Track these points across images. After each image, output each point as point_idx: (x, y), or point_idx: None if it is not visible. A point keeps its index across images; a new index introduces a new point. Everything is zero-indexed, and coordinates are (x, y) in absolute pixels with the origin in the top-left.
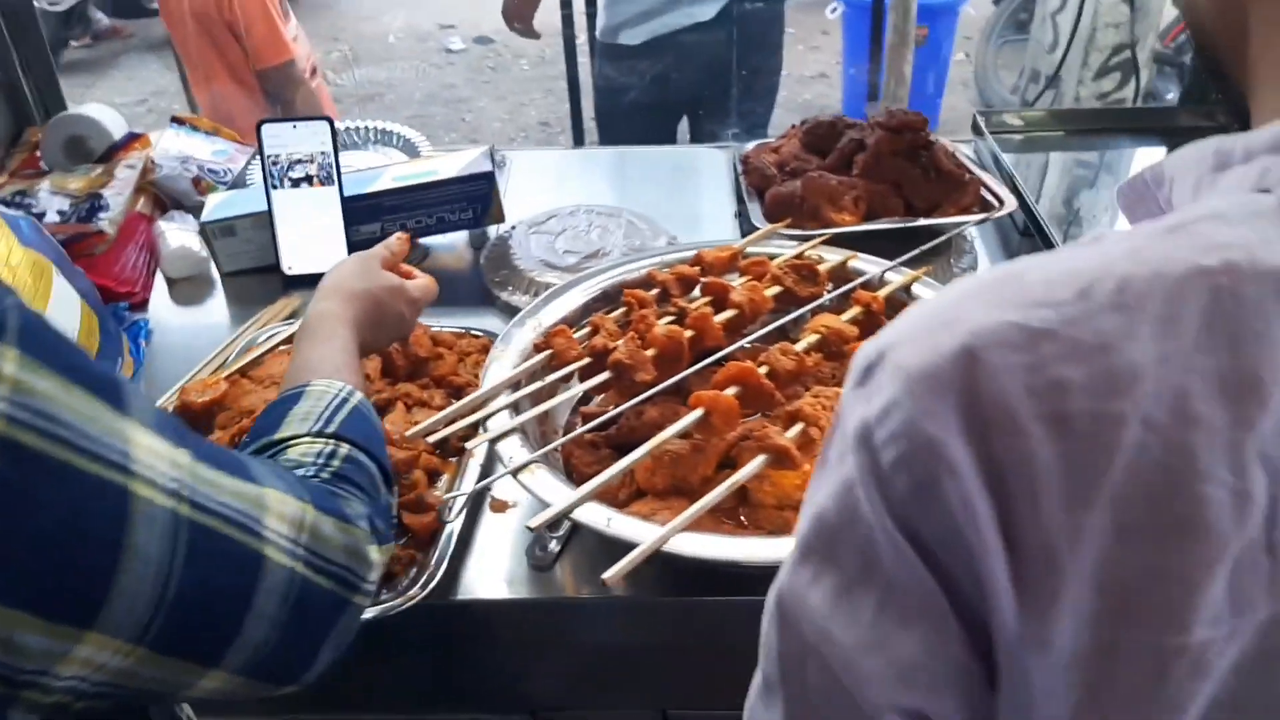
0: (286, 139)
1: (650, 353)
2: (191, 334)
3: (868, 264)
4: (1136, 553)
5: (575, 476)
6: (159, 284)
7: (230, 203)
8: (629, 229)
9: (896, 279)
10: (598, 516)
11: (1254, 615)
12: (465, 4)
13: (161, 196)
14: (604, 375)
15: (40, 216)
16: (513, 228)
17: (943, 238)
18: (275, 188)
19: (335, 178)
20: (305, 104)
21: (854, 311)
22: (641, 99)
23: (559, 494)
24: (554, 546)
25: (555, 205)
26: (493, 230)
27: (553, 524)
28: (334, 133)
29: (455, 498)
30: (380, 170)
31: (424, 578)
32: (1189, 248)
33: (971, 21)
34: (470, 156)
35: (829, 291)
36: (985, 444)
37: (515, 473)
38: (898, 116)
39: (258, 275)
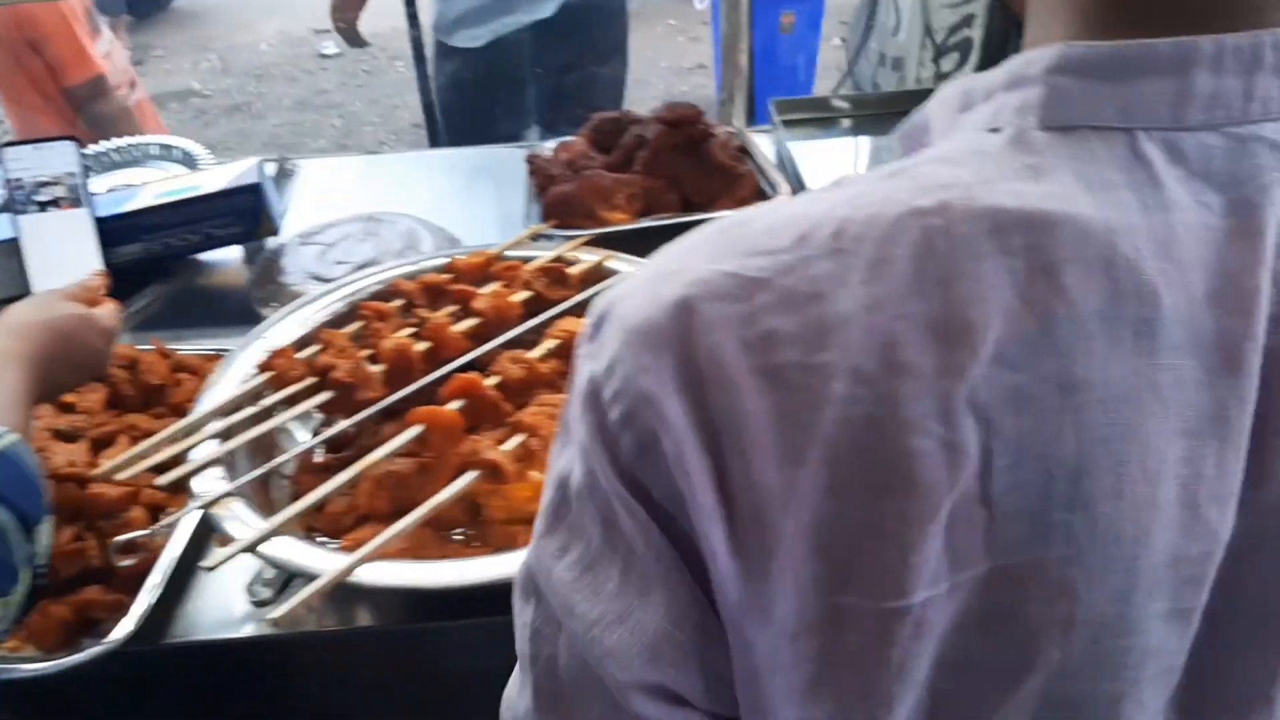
0: (29, 161)
1: (378, 368)
2: None
3: (624, 264)
4: (850, 511)
5: None
6: None
7: None
8: (408, 237)
9: None
10: (291, 551)
11: (973, 570)
12: None
13: None
14: (326, 396)
15: None
16: (284, 241)
17: None
18: (21, 213)
19: (83, 199)
20: (121, 120)
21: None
22: (484, 101)
23: (251, 526)
24: (266, 591)
25: (342, 215)
26: (270, 244)
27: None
28: (80, 151)
29: (146, 535)
30: (139, 188)
31: (122, 621)
32: (908, 189)
33: (846, 6)
34: (240, 169)
35: (580, 294)
36: (700, 400)
37: (206, 507)
38: (676, 110)
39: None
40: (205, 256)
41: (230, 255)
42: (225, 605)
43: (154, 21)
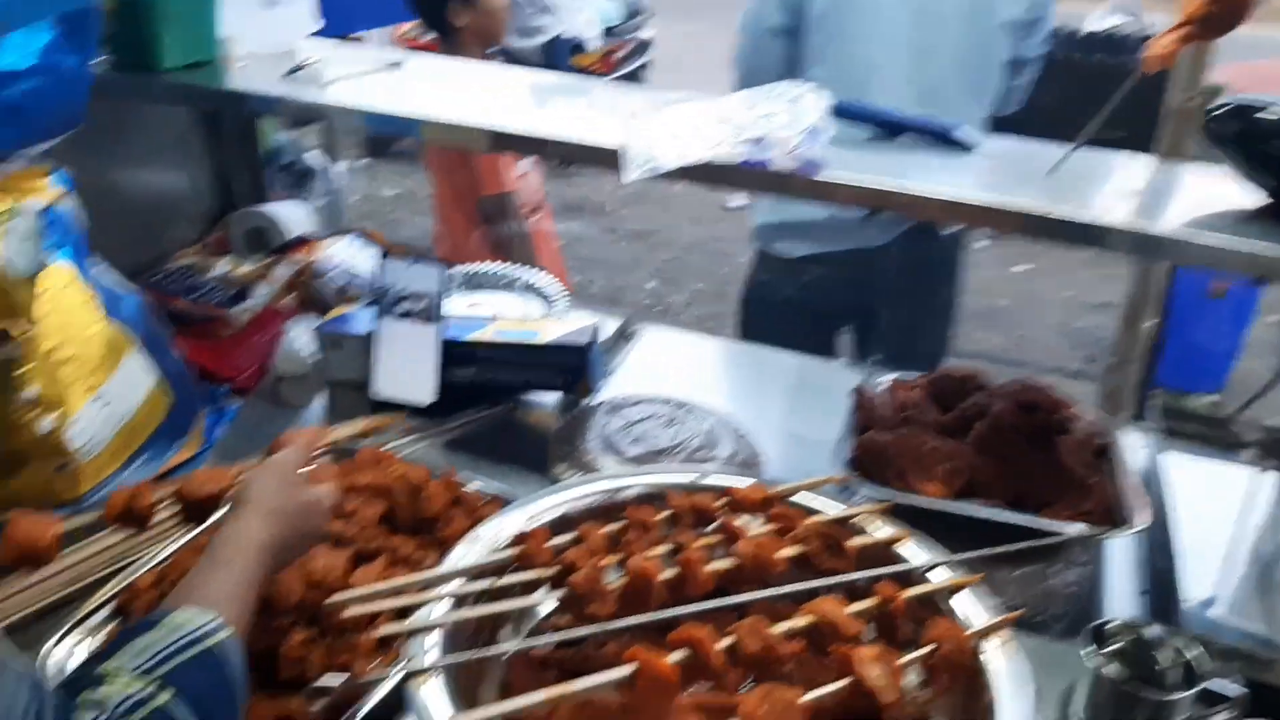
0: (402, 274)
1: (615, 584)
2: (275, 428)
3: (917, 552)
4: None
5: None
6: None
7: (347, 319)
8: (708, 436)
9: (940, 578)
10: None
11: None
12: None
13: (311, 298)
14: (560, 593)
15: (187, 293)
16: (598, 403)
17: (1023, 545)
18: (383, 316)
19: (435, 318)
20: (516, 240)
21: (866, 604)
22: (789, 312)
23: (438, 714)
24: None
25: (667, 390)
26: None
27: None
28: (443, 276)
29: (340, 684)
30: (486, 321)
31: None
32: None
33: None
34: (576, 326)
35: (854, 570)
36: None
37: (408, 678)
38: (1031, 392)
39: (358, 390)
40: (532, 396)
41: (549, 399)
42: None
43: None
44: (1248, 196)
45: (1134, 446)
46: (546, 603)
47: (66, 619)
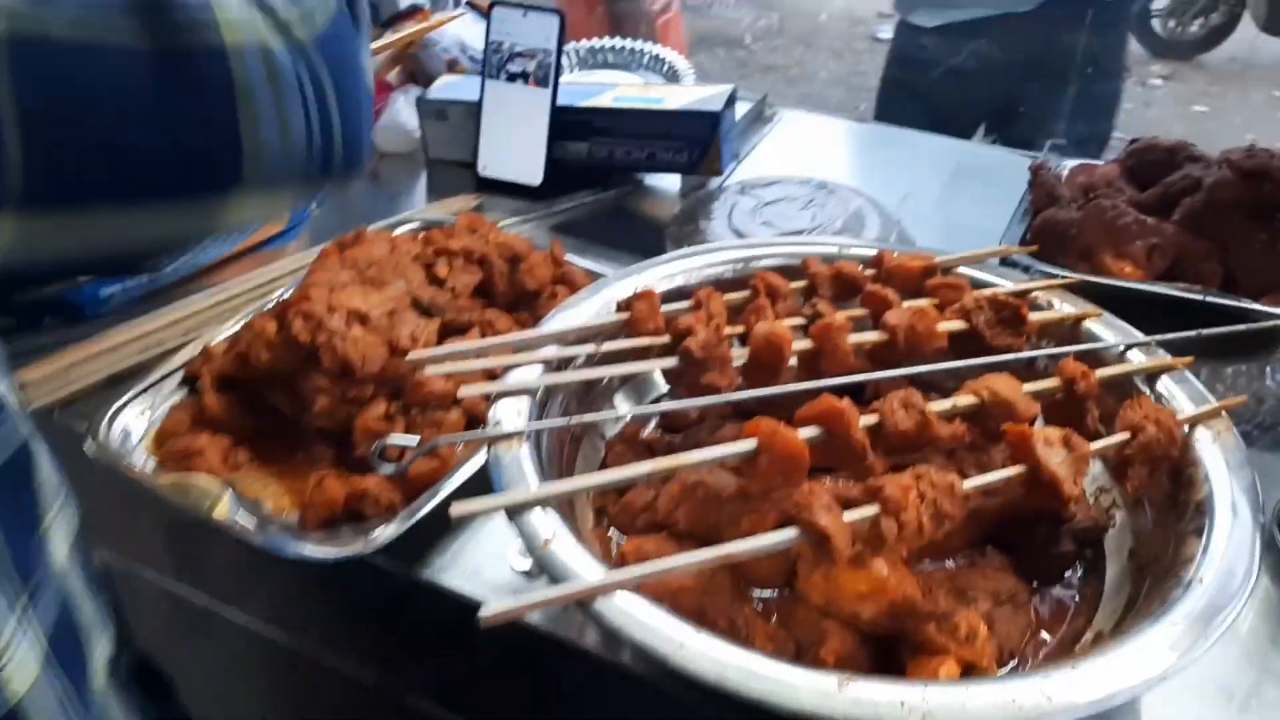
0: (514, 27)
1: (740, 353)
2: (373, 209)
3: (1110, 331)
4: None
5: None
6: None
7: (453, 86)
8: (854, 217)
9: (1138, 360)
10: (550, 532)
11: None
12: None
13: (419, 71)
14: (672, 362)
15: None
16: (726, 185)
17: (1250, 325)
18: (491, 77)
19: (551, 80)
20: (642, 23)
21: (1046, 384)
22: (930, 90)
23: (526, 487)
24: (526, 564)
25: (803, 172)
26: (714, 183)
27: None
28: (562, 30)
29: (413, 448)
30: (604, 87)
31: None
32: None
33: None
34: (706, 94)
35: (1031, 349)
36: None
37: (491, 442)
38: (1258, 157)
39: (465, 169)
40: (647, 178)
41: (670, 183)
42: (492, 552)
43: None
44: None
45: None
46: (656, 374)
47: (133, 385)
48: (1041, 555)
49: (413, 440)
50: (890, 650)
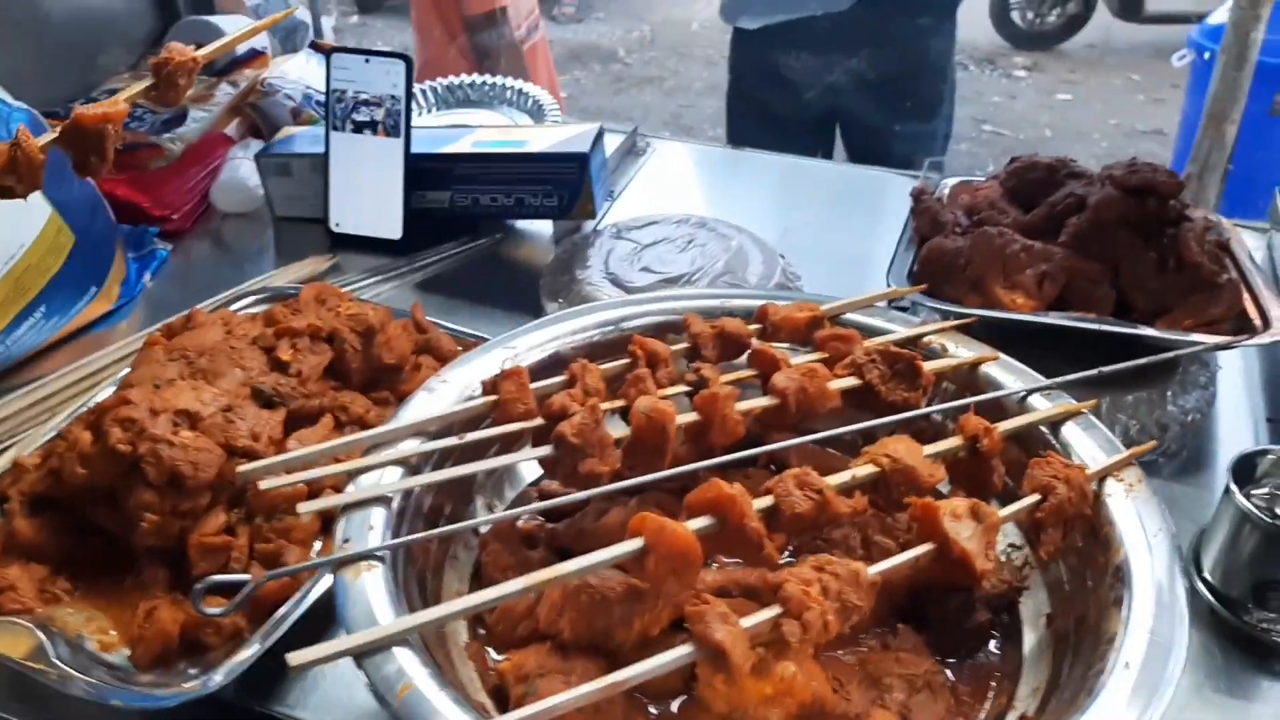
0: (357, 74)
1: (620, 434)
2: (216, 277)
3: (1009, 375)
4: None
5: (484, 580)
6: (217, 215)
7: (297, 139)
8: (735, 257)
9: (1041, 407)
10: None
11: None
12: None
13: (258, 122)
14: (546, 451)
15: None
16: (600, 228)
17: (1149, 359)
18: (336, 129)
19: (402, 128)
20: (509, 57)
21: (947, 445)
22: (768, 98)
23: (377, 623)
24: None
25: (679, 210)
26: (589, 226)
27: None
28: (409, 75)
29: (245, 583)
30: (463, 131)
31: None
32: None
33: None
34: (573, 134)
35: (928, 404)
36: None
37: (337, 567)
38: (1141, 173)
39: (317, 226)
40: (519, 224)
41: (544, 226)
42: (350, 684)
43: None
44: None
45: (1254, 246)
46: (528, 464)
47: None
48: (956, 629)
49: (244, 578)
50: None
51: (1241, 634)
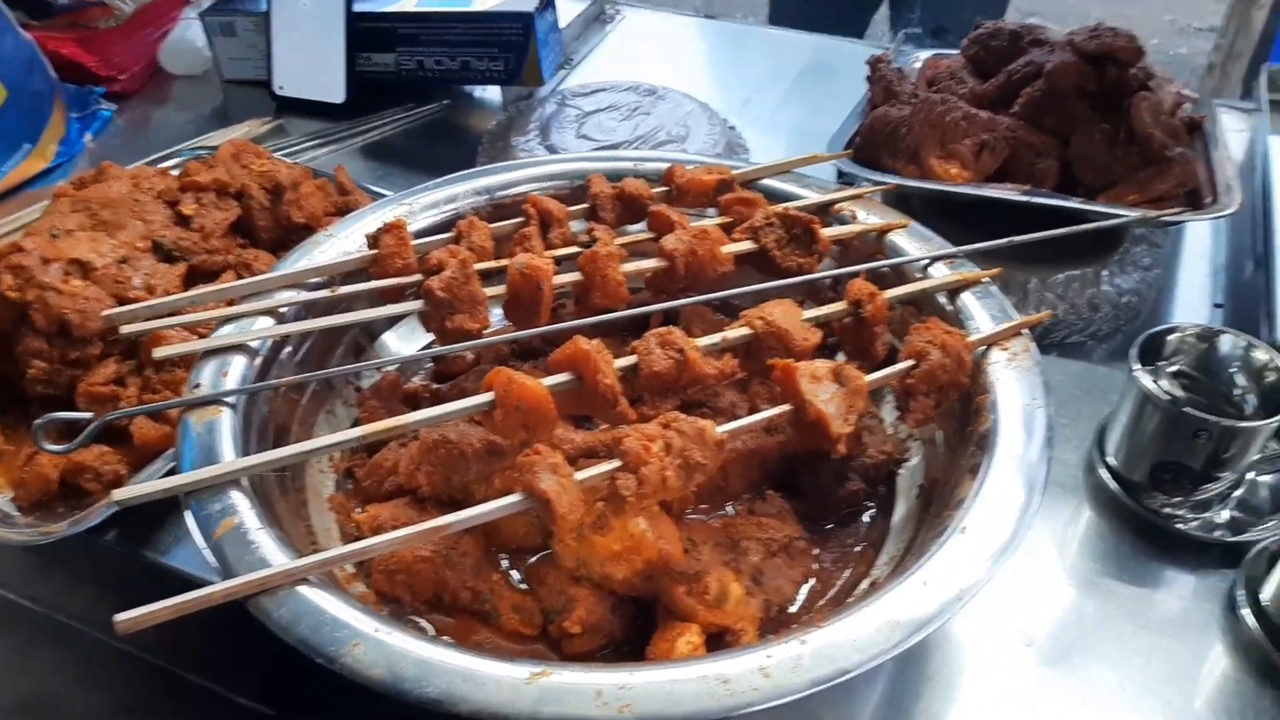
0: None
1: (493, 290)
2: (159, 136)
3: (916, 243)
4: None
5: None
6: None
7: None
8: (683, 123)
9: (940, 275)
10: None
11: None
12: None
13: None
14: (417, 305)
15: None
16: (545, 95)
17: (1073, 230)
18: None
19: None
20: None
21: (829, 309)
22: None
23: (218, 455)
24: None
25: (647, 79)
26: (541, 93)
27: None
28: None
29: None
30: None
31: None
32: None
33: None
34: None
35: (822, 268)
36: None
37: (188, 409)
38: (1102, 38)
39: (264, 89)
40: (474, 91)
41: (495, 94)
42: None
43: None
44: None
45: (1235, 129)
46: (408, 324)
47: None
48: (827, 496)
49: (85, 415)
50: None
51: (1141, 520)
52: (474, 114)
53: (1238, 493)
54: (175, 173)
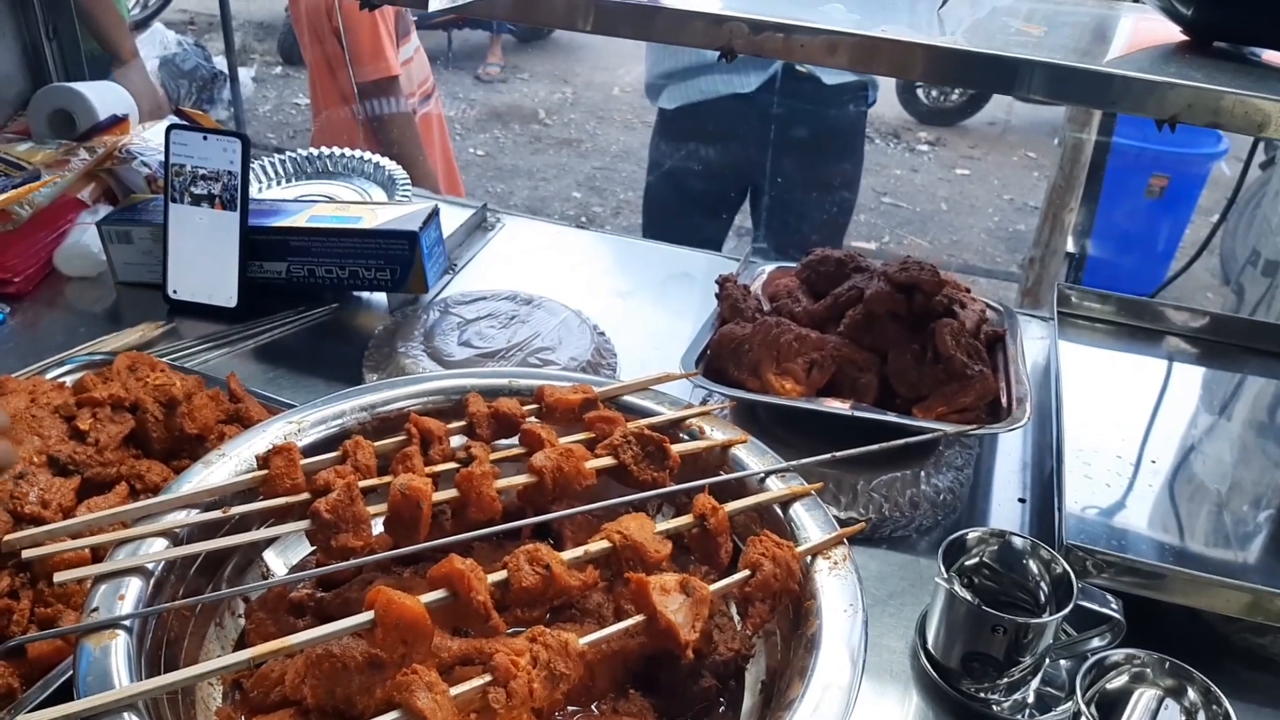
0: (195, 150)
1: (377, 509)
2: (52, 340)
3: (755, 457)
4: None
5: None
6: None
7: (140, 209)
8: (559, 332)
9: (774, 489)
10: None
11: None
12: None
13: (113, 188)
14: (304, 525)
15: None
16: (429, 300)
17: (885, 445)
18: (174, 201)
19: (239, 202)
20: (401, 124)
21: (678, 522)
22: (685, 171)
23: (114, 679)
24: None
25: (520, 285)
26: (425, 299)
27: None
28: (245, 153)
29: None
30: (301, 206)
31: None
32: None
33: (1228, 183)
34: (408, 212)
35: (675, 482)
36: None
37: (83, 635)
38: (910, 271)
39: (158, 291)
40: (362, 295)
41: (382, 300)
42: None
43: (531, 47)
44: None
45: (1038, 336)
46: (290, 538)
47: None
48: (682, 694)
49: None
50: None
51: (959, 704)
52: (361, 315)
53: (1040, 674)
54: (70, 380)
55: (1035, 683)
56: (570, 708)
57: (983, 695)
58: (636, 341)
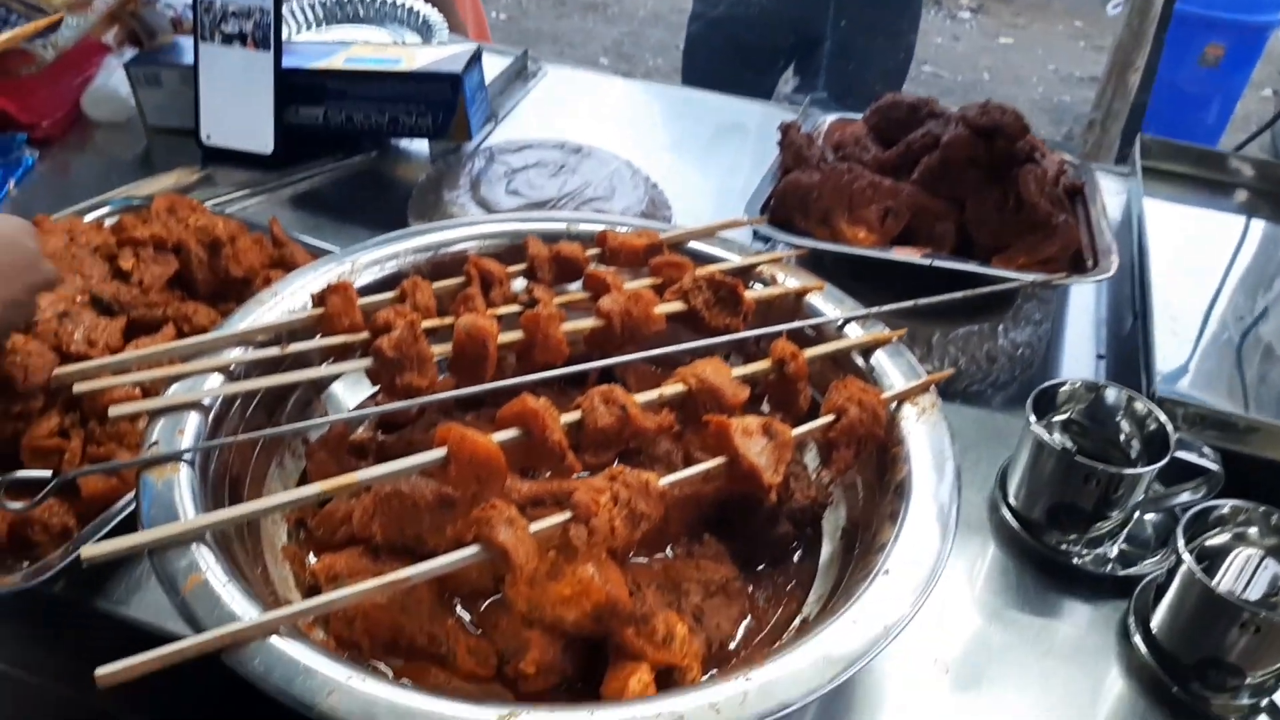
0: None
1: (440, 349)
2: (86, 186)
3: (830, 305)
4: None
5: None
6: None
7: (170, 50)
8: (609, 182)
9: (854, 335)
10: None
11: None
12: None
13: (138, 30)
14: (366, 362)
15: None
16: (472, 149)
17: (954, 295)
18: (204, 39)
19: (272, 41)
20: None
21: (756, 367)
22: (729, 34)
23: (179, 512)
24: None
25: (566, 136)
26: (468, 147)
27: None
28: None
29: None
30: (337, 46)
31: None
32: None
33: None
34: (450, 53)
35: (748, 328)
36: None
37: (144, 468)
38: (992, 114)
39: (190, 138)
40: (399, 142)
41: (422, 145)
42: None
43: None
44: None
45: (1113, 191)
46: (352, 375)
47: None
48: (759, 539)
49: (45, 474)
50: (602, 656)
51: (1041, 555)
52: (401, 164)
53: (1126, 530)
54: (109, 223)
55: (1121, 537)
56: (643, 555)
57: (1065, 547)
58: (690, 194)
